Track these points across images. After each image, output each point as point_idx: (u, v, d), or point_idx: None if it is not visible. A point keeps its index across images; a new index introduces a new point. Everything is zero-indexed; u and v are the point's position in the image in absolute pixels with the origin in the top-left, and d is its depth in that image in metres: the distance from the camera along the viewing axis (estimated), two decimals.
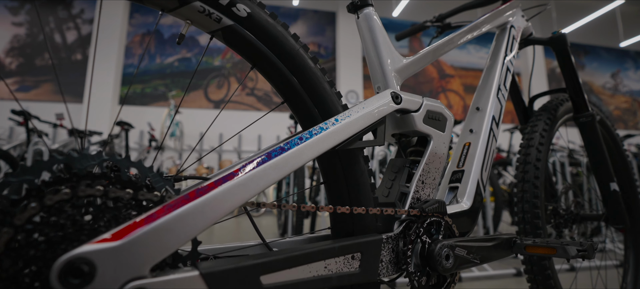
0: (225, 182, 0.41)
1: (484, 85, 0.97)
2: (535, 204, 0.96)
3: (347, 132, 0.55)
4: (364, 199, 0.59)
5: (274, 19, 0.57)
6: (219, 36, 0.54)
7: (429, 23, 1.33)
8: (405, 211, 0.60)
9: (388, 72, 0.71)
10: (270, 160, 0.45)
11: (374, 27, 0.72)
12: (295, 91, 0.58)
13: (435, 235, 0.63)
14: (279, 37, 0.56)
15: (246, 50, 0.55)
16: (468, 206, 0.72)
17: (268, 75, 0.57)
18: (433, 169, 0.68)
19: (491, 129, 0.86)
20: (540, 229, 0.95)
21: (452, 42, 0.88)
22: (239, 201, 0.42)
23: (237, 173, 0.43)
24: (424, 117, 0.68)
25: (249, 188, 0.43)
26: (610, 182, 1.10)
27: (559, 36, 1.12)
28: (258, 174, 0.44)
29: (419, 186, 0.66)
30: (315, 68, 0.59)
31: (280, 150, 0.47)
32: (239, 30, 0.54)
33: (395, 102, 0.63)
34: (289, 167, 0.46)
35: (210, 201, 0.40)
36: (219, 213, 0.41)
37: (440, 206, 0.63)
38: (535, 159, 1.01)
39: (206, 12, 0.51)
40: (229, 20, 0.53)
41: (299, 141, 0.49)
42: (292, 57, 0.57)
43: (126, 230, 0.35)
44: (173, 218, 0.37)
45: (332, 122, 0.54)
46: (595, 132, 1.11)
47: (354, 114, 0.57)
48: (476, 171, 0.79)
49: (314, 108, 0.58)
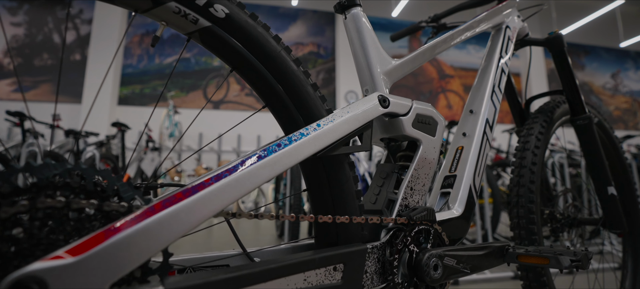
0: (195, 193, 0.39)
1: (478, 87, 0.94)
2: (531, 209, 0.94)
3: (329, 138, 0.52)
4: (349, 207, 0.57)
5: (254, 19, 0.55)
6: (196, 38, 0.52)
7: (424, 23, 1.30)
8: (392, 219, 0.58)
9: (376, 74, 0.68)
10: (244, 168, 0.43)
11: (362, 27, 0.70)
12: (276, 95, 0.55)
13: (423, 244, 0.61)
14: (260, 38, 0.54)
15: (225, 52, 0.53)
16: (459, 213, 0.70)
17: (248, 78, 0.55)
18: (422, 175, 0.65)
19: (485, 133, 0.84)
20: (536, 235, 0.92)
21: (444, 43, 0.86)
22: (209, 212, 0.40)
23: (208, 183, 0.40)
24: (413, 121, 0.65)
25: (220, 198, 0.40)
26: (608, 187, 1.08)
27: (555, 37, 1.10)
28: (230, 184, 0.42)
29: (408, 192, 0.63)
30: (297, 71, 0.56)
31: (256, 158, 0.45)
32: (217, 32, 0.51)
33: (382, 105, 0.61)
34: (264, 176, 0.44)
35: (177, 212, 0.37)
36: (188, 225, 0.38)
37: (429, 213, 0.61)
38: (530, 163, 0.99)
39: (182, 13, 0.49)
40: (207, 22, 0.51)
41: (276, 147, 0.47)
42: (273, 60, 0.55)
43: (83, 246, 0.33)
44: (135, 232, 0.35)
45: (313, 128, 0.51)
46: (592, 135, 1.08)
47: (337, 119, 0.54)
48: (469, 176, 0.76)
49: (297, 113, 0.56)
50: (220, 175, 0.42)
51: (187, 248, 2.69)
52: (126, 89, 7.07)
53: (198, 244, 2.93)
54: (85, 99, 6.66)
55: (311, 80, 0.58)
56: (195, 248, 2.75)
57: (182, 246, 2.68)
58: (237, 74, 0.56)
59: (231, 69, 0.55)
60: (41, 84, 6.84)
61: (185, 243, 2.78)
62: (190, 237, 2.93)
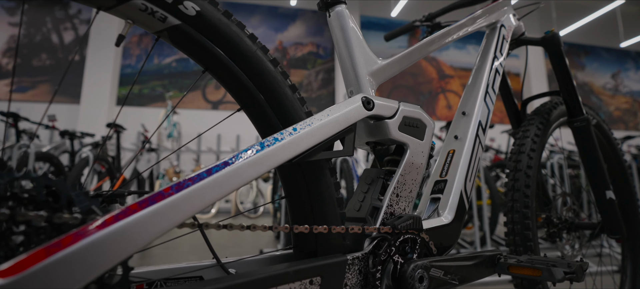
0: (152, 204, 0.36)
1: (471, 88, 0.91)
2: (526, 214, 0.90)
3: (307, 143, 0.49)
4: (329, 216, 0.54)
5: (228, 17, 0.51)
6: (165, 37, 0.49)
7: (418, 22, 1.27)
8: (375, 228, 0.55)
9: (361, 75, 0.65)
10: (209, 177, 0.40)
11: (346, 26, 0.67)
12: (252, 97, 0.52)
13: (409, 254, 0.57)
14: (233, 37, 0.51)
15: (196, 52, 0.50)
16: (449, 220, 0.67)
17: (222, 79, 0.52)
18: (409, 181, 0.62)
19: (477, 136, 0.81)
20: (531, 241, 0.89)
21: (435, 42, 0.83)
22: (169, 224, 0.37)
23: (167, 193, 0.37)
24: (400, 124, 0.62)
25: (179, 210, 0.37)
26: (606, 191, 1.04)
27: (551, 36, 1.06)
28: (192, 194, 0.38)
29: (393, 199, 0.60)
30: (275, 71, 0.53)
31: (224, 165, 0.42)
32: (187, 31, 0.48)
33: (366, 108, 0.58)
34: (231, 185, 0.41)
35: (131, 226, 0.34)
36: (144, 239, 0.35)
37: (415, 222, 0.58)
38: (526, 167, 0.96)
39: (149, 11, 0.46)
40: (176, 20, 0.48)
41: (245, 153, 0.44)
42: (248, 60, 0.51)
43: (20, 265, 0.30)
44: (82, 247, 0.32)
45: (289, 133, 0.48)
46: (590, 137, 1.05)
47: (316, 123, 0.51)
48: (460, 181, 0.73)
49: (274, 116, 0.53)
50: (181, 184, 0.38)
51: (165, 257, 2.59)
52: (125, 89, 7.04)
53: (183, 252, 2.90)
54: (83, 99, 6.64)
55: (290, 81, 0.55)
56: (177, 255, 2.71)
57: (160, 255, 2.59)
58: (211, 75, 0.52)
59: (203, 69, 0.52)
60: (40, 84, 6.82)
61: (164, 251, 2.70)
62: (172, 243, 2.87)
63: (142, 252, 2.59)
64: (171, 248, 2.76)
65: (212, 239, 3.20)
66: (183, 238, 3.26)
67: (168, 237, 0.46)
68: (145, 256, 2.45)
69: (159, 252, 2.60)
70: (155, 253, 2.57)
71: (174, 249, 2.75)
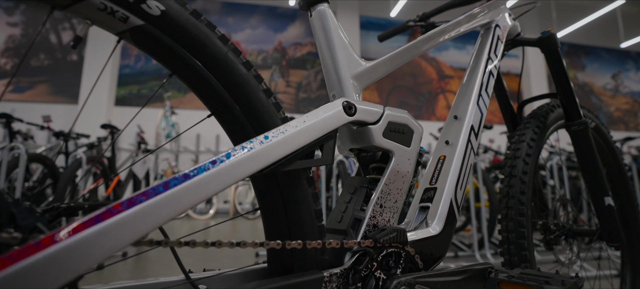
0: (97, 223, 0.33)
1: (464, 90, 0.88)
2: (521, 222, 0.87)
3: (280, 152, 0.46)
4: (307, 229, 0.50)
5: (197, 17, 0.48)
6: (127, 38, 0.45)
7: (412, 23, 1.24)
8: (354, 242, 0.51)
9: (343, 78, 0.62)
10: (166, 191, 0.36)
11: (329, 26, 0.63)
12: (223, 102, 0.49)
13: (393, 269, 0.54)
14: (202, 38, 0.47)
15: (161, 54, 0.47)
16: (437, 231, 0.63)
17: (190, 84, 0.49)
18: (394, 191, 0.59)
19: (469, 141, 0.77)
20: (526, 251, 0.85)
21: (426, 42, 0.79)
22: (119, 244, 0.33)
23: (117, 210, 0.34)
24: (385, 130, 0.58)
25: (131, 229, 0.34)
26: (604, 197, 1.01)
27: (548, 37, 1.03)
28: (146, 211, 0.35)
29: (376, 210, 0.56)
30: (247, 75, 0.50)
31: (183, 178, 0.38)
32: (151, 32, 0.45)
33: (347, 113, 0.54)
34: (191, 200, 0.37)
35: (71, 249, 0.31)
36: (89, 262, 0.32)
37: (400, 234, 0.54)
38: (521, 172, 0.92)
39: (108, 10, 0.43)
40: (138, 20, 0.44)
41: (211, 165, 0.40)
42: (218, 62, 0.48)
43: None
44: (15, 272, 0.29)
45: (259, 141, 0.45)
46: (588, 142, 1.01)
47: (290, 130, 0.48)
48: (450, 189, 0.69)
49: (247, 122, 0.49)
50: (134, 200, 0.35)
51: (137, 270, 2.35)
52: (123, 89, 7.01)
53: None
54: (81, 99, 6.60)
55: (264, 85, 0.51)
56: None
57: (133, 268, 2.32)
58: (178, 79, 0.49)
59: (170, 73, 0.48)
60: (38, 85, 6.79)
61: (137, 264, 2.42)
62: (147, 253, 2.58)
63: (112, 264, 2.51)
64: (144, 260, 2.54)
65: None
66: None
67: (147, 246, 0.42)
68: (115, 270, 2.25)
69: (131, 265, 2.39)
70: (129, 265, 2.35)
71: (147, 261, 2.54)
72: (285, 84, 7.51)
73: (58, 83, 6.83)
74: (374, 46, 7.88)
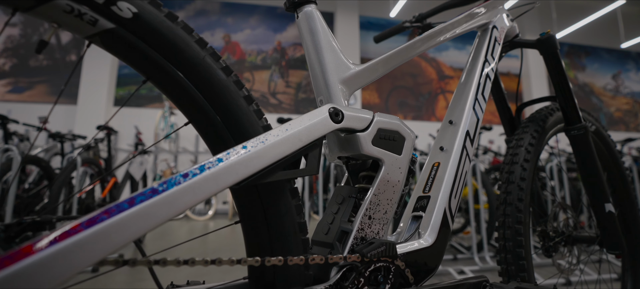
0: (52, 246, 0.30)
1: (459, 94, 0.85)
2: (518, 231, 0.84)
3: (260, 163, 0.43)
4: (289, 243, 0.48)
5: (173, 20, 0.45)
6: (97, 42, 0.43)
7: (408, 24, 1.21)
8: (340, 257, 0.49)
9: (331, 82, 0.59)
10: (131, 208, 0.34)
11: (316, 28, 0.60)
12: (201, 110, 0.46)
13: (381, 285, 0.51)
14: (178, 42, 0.45)
15: (135, 59, 0.44)
16: (429, 243, 0.60)
17: (165, 90, 0.46)
18: (384, 201, 0.56)
19: (464, 147, 0.74)
20: (523, 260, 0.83)
21: (420, 44, 0.77)
22: (76, 268, 0.31)
23: (74, 231, 0.31)
24: (374, 137, 0.56)
25: (90, 251, 0.31)
26: (605, 203, 0.98)
27: (547, 38, 1.00)
28: (109, 230, 0.32)
29: (365, 222, 0.54)
30: (226, 80, 0.47)
31: (151, 193, 0.35)
32: (123, 35, 0.42)
33: (334, 120, 0.52)
34: (159, 217, 0.35)
35: (20, 274, 0.28)
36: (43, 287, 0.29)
37: (388, 248, 0.52)
38: (519, 178, 0.89)
39: (76, 13, 0.40)
40: (109, 23, 0.41)
41: (182, 179, 0.37)
42: (195, 68, 0.45)
43: None
44: None
45: (236, 152, 0.42)
46: (588, 147, 0.98)
47: (271, 139, 0.45)
48: (443, 198, 0.67)
49: (226, 130, 0.47)
50: (94, 219, 0.32)
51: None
52: (122, 89, 6.99)
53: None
54: (80, 100, 6.58)
55: (245, 91, 0.49)
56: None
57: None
58: (153, 85, 0.46)
59: (145, 78, 0.46)
60: (36, 85, 6.77)
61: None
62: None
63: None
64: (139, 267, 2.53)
65: (190, 246, 3.13)
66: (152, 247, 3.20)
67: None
68: (112, 275, 2.15)
69: (126, 270, 2.28)
70: (125, 269, 2.26)
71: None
72: (285, 84, 7.49)
73: (57, 83, 6.81)
74: (374, 47, 7.85)
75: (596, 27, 8.23)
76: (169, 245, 3.31)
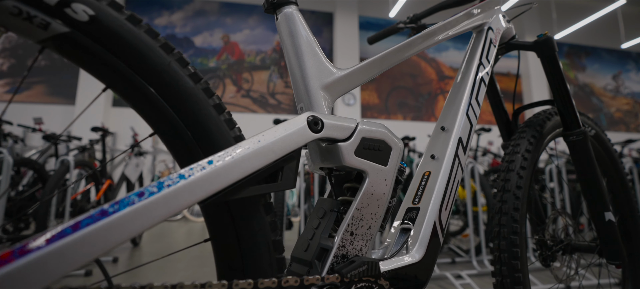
0: None
1: (453, 99, 0.81)
2: (514, 242, 0.81)
3: (227, 179, 0.40)
4: (263, 263, 0.44)
5: (135, 23, 0.42)
6: (51, 47, 0.39)
7: (402, 24, 1.18)
8: (317, 278, 0.45)
9: (312, 89, 0.55)
10: (74, 233, 0.30)
11: (296, 30, 0.57)
12: (166, 120, 0.43)
13: None
14: (140, 47, 0.41)
15: (93, 66, 0.40)
16: (417, 258, 0.57)
17: (128, 98, 0.42)
18: (367, 216, 0.52)
19: (456, 155, 0.71)
20: (519, 272, 0.79)
21: (411, 47, 0.73)
22: None
23: (5, 260, 0.28)
24: (357, 147, 0.52)
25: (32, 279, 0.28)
26: (605, 211, 0.94)
27: (544, 40, 0.96)
28: (47, 259, 0.29)
29: (346, 238, 0.50)
30: (195, 88, 0.44)
31: (100, 215, 0.32)
32: (78, 40, 0.39)
33: (313, 130, 0.48)
34: (107, 243, 0.31)
35: None
36: None
37: (371, 267, 0.48)
38: (515, 187, 0.86)
39: (24, 16, 0.36)
40: (63, 27, 0.38)
41: (136, 198, 0.34)
42: (160, 75, 0.42)
43: None
44: None
45: (201, 167, 0.38)
46: (587, 153, 0.94)
47: (241, 152, 0.41)
48: (433, 210, 0.63)
49: (194, 142, 0.43)
50: (25, 249, 0.29)
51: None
52: None
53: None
54: (78, 100, 6.55)
55: (216, 99, 0.45)
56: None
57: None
58: (114, 93, 0.43)
59: (105, 86, 0.42)
60: (35, 86, 6.74)
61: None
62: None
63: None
64: (136, 264, 2.63)
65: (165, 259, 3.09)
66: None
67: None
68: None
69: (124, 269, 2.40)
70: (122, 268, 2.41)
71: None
72: (284, 84, 7.46)
73: (55, 84, 6.78)
74: (374, 47, 7.82)
75: (596, 28, 8.18)
76: (169, 245, 3.28)
